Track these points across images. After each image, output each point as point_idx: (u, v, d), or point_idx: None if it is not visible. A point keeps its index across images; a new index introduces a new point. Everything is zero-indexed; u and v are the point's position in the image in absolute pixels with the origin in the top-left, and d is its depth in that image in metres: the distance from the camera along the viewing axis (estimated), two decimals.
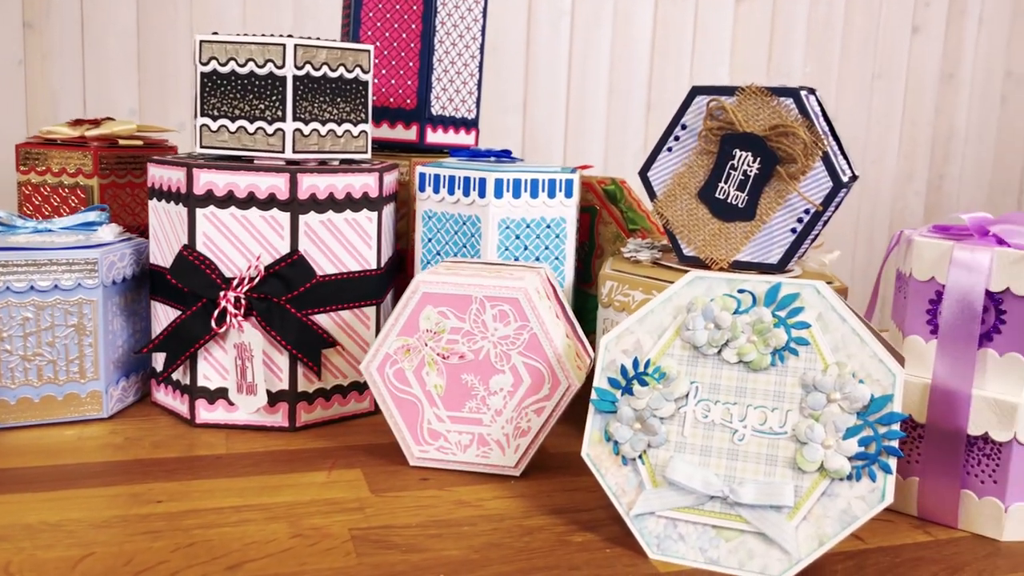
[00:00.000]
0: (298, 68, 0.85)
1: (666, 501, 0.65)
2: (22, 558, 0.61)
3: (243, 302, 0.82)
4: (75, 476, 0.75)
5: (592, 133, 1.93)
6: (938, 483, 0.71)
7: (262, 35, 0.86)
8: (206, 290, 0.83)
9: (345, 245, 0.87)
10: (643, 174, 0.88)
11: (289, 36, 0.85)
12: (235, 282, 0.83)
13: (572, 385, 0.75)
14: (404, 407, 0.78)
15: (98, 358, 0.86)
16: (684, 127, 0.85)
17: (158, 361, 0.90)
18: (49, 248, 0.84)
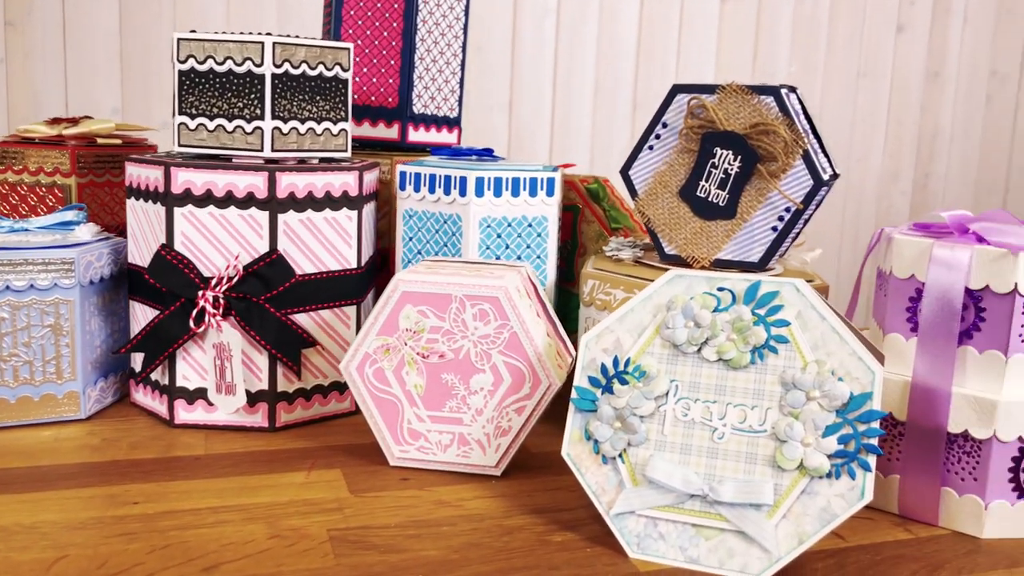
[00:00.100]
0: (277, 66, 0.84)
1: (646, 500, 0.65)
2: None
3: (222, 302, 0.82)
4: (51, 477, 0.74)
5: (578, 132, 1.93)
6: (918, 481, 0.71)
7: (240, 33, 0.85)
8: (184, 290, 0.82)
9: (325, 244, 0.86)
10: (624, 173, 0.87)
11: (268, 34, 0.85)
12: (213, 281, 0.82)
13: (553, 384, 0.75)
14: (384, 407, 0.78)
15: (75, 358, 0.85)
16: (665, 125, 0.85)
17: (137, 361, 0.90)
18: (25, 248, 0.83)
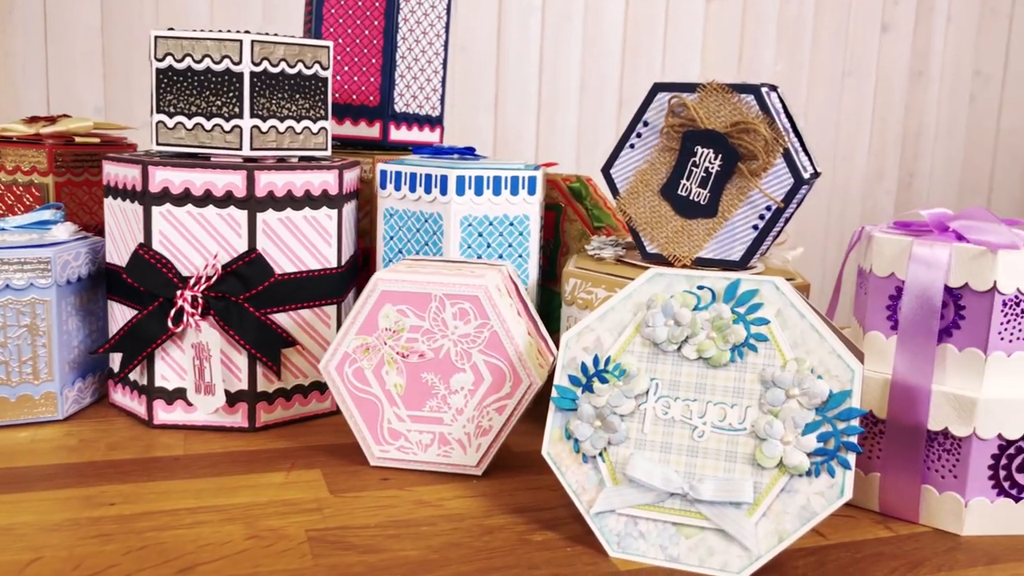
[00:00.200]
0: (255, 64, 0.84)
1: (626, 499, 0.64)
2: None
3: (200, 301, 0.81)
4: (27, 479, 0.73)
5: (564, 131, 1.92)
6: (899, 478, 0.71)
7: (219, 31, 0.85)
8: (163, 289, 0.81)
9: (304, 243, 0.86)
10: (605, 171, 0.87)
11: (246, 32, 0.84)
12: (192, 281, 0.81)
13: (534, 383, 0.75)
14: (364, 407, 0.77)
15: (52, 359, 0.84)
16: (646, 124, 0.85)
17: (115, 361, 0.89)
18: (0, 247, 0.82)
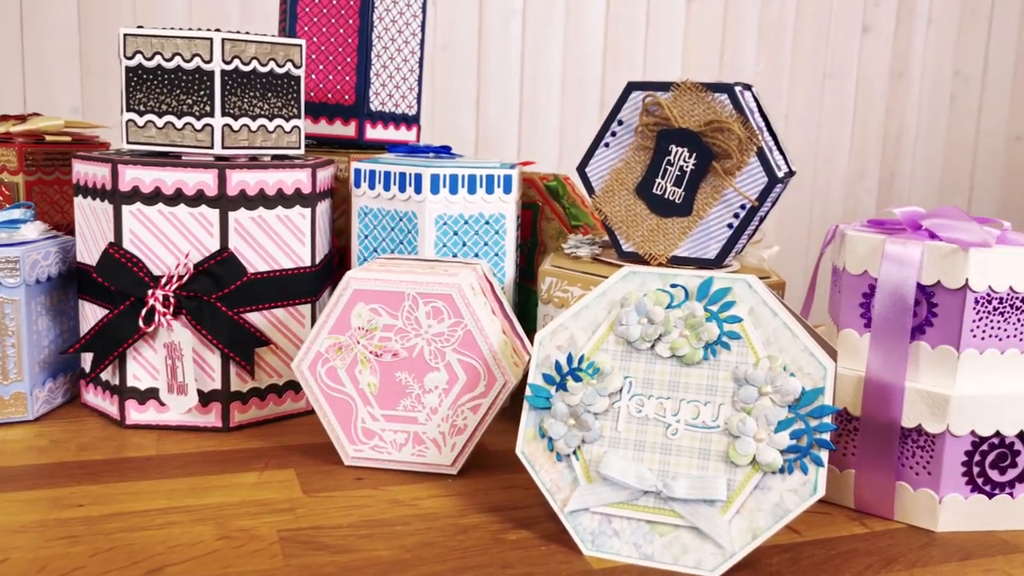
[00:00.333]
0: (226, 63, 0.83)
1: (600, 497, 0.64)
2: None
3: (172, 300, 0.80)
4: None
5: (545, 130, 1.92)
6: (873, 475, 0.71)
7: (189, 29, 0.84)
8: (133, 288, 0.81)
9: (278, 242, 0.85)
10: (581, 170, 0.87)
11: (216, 30, 0.83)
12: (163, 280, 0.81)
13: (508, 382, 0.74)
14: (337, 406, 0.77)
15: (21, 359, 0.83)
16: (621, 123, 0.85)
17: (86, 361, 0.88)
18: None
